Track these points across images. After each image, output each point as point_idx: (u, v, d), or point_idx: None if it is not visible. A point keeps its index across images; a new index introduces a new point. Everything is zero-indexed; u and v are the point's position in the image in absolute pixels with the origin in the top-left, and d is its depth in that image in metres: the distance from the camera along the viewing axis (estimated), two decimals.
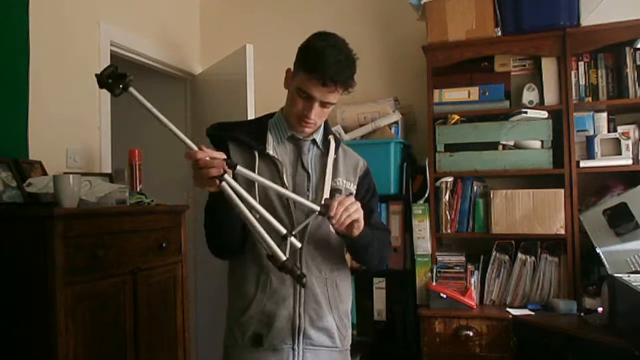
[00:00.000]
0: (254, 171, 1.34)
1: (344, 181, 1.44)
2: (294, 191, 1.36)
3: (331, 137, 1.46)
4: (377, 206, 1.55)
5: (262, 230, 1.08)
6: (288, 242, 1.10)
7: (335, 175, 1.42)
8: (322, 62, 1.27)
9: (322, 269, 1.39)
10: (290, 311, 1.35)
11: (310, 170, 1.41)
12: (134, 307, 1.96)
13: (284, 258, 1.07)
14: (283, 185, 1.35)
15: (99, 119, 2.54)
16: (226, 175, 1.13)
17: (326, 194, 1.37)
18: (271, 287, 1.35)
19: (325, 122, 1.48)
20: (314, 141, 1.44)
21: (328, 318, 1.38)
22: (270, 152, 1.39)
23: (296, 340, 1.35)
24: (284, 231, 1.11)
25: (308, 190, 1.38)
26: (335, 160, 1.45)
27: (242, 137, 1.39)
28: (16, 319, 1.66)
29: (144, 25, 2.94)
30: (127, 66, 2.97)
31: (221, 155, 1.14)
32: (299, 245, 1.11)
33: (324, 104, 1.34)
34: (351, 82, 1.34)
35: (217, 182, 1.12)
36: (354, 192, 1.45)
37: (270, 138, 1.42)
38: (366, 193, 1.49)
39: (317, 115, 1.35)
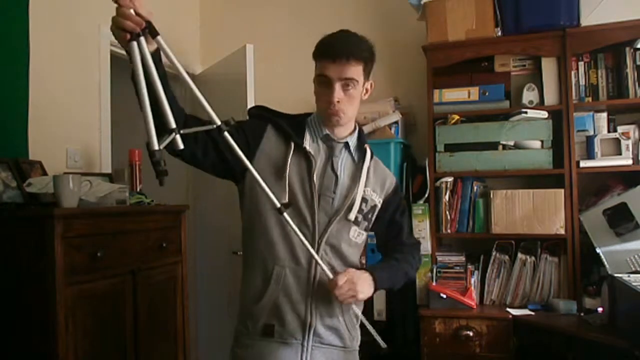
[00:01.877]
0: (286, 162, 1.35)
1: (371, 192, 1.45)
2: (320, 191, 1.37)
3: (367, 146, 1.48)
4: (408, 223, 1.57)
5: (149, 114, 1.00)
6: (170, 137, 1.02)
7: (366, 184, 1.43)
8: (330, 41, 1.34)
9: (337, 270, 1.39)
10: (302, 307, 1.35)
11: (339, 173, 1.41)
12: (134, 307, 1.96)
13: (156, 147, 0.99)
14: (310, 182, 1.35)
15: (99, 119, 2.54)
16: (142, 39, 1.05)
17: (357, 201, 1.39)
18: (285, 280, 1.35)
19: (360, 130, 1.50)
20: (346, 145, 1.45)
21: (339, 318, 1.39)
22: (307, 147, 1.39)
23: (306, 337, 1.36)
24: (173, 125, 1.03)
25: (334, 192, 1.39)
26: (368, 170, 1.46)
27: (284, 125, 1.41)
28: (16, 319, 1.66)
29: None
30: (127, 66, 2.96)
31: (148, 16, 1.07)
32: (181, 146, 1.04)
33: (344, 84, 1.34)
34: (364, 53, 1.34)
35: (127, 36, 1.04)
36: (379, 204, 1.46)
37: (307, 134, 1.43)
38: (395, 210, 1.50)
39: (342, 99, 1.35)
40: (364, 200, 1.41)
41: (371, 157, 1.48)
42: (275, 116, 1.45)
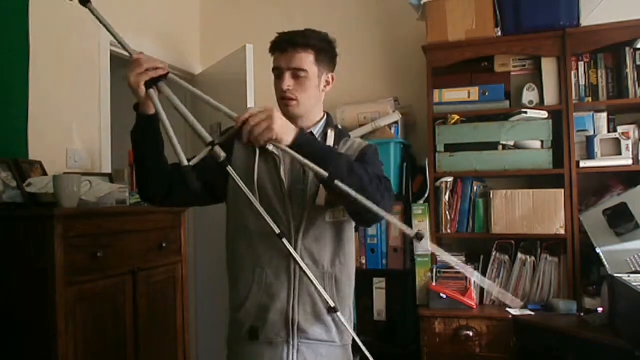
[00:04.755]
0: (254, 168, 1.37)
1: None
2: (290, 186, 1.37)
3: (330, 130, 1.45)
4: (372, 164, 1.39)
5: (177, 143, 1.14)
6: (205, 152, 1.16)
7: None
8: (280, 35, 1.38)
9: (320, 262, 1.37)
10: (284, 304, 1.34)
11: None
12: (134, 307, 1.96)
13: (185, 163, 1.13)
14: (279, 179, 1.36)
15: (99, 119, 2.54)
16: (162, 84, 1.20)
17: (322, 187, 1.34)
18: (266, 280, 1.35)
19: (328, 116, 1.49)
20: (311, 134, 1.43)
21: (324, 312, 1.36)
22: (270, 147, 1.37)
23: (291, 334, 1.35)
24: (209, 139, 1.15)
25: (304, 183, 1.38)
26: None
27: None
28: (16, 319, 1.66)
29: (144, 25, 2.94)
30: (127, 66, 2.96)
31: (163, 67, 1.21)
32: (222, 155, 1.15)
33: (294, 73, 1.36)
34: (313, 42, 1.36)
35: (144, 85, 1.19)
36: None
37: None
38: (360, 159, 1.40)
39: (293, 87, 1.36)
40: None
41: (338, 138, 1.44)
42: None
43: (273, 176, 1.37)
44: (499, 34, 2.62)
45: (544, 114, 2.55)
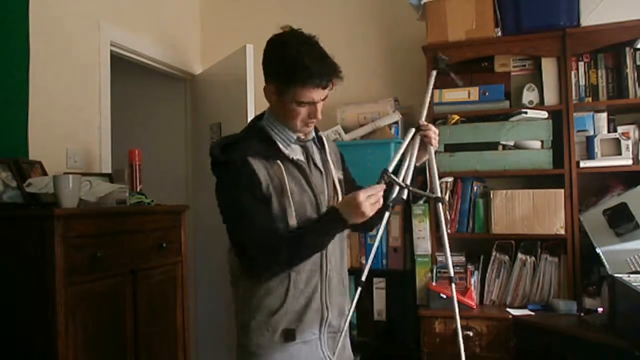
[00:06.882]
0: (284, 180, 1.35)
1: (338, 171, 1.53)
2: (320, 193, 1.43)
3: (320, 133, 1.54)
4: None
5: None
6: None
7: (334, 167, 1.52)
8: (309, 66, 1.29)
9: (342, 266, 1.50)
10: (319, 303, 1.40)
11: (321, 168, 1.47)
12: (134, 307, 1.96)
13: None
14: (311, 188, 1.40)
15: (99, 119, 2.54)
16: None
17: (338, 186, 1.48)
18: (301, 283, 1.39)
19: None
20: (313, 139, 1.50)
21: (344, 305, 1.49)
22: (295, 157, 1.41)
23: (322, 330, 1.42)
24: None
25: (333, 190, 1.48)
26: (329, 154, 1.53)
27: (261, 151, 1.37)
28: (16, 319, 1.66)
29: (144, 25, 2.94)
30: (127, 66, 2.96)
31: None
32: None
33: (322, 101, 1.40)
34: (341, 72, 1.38)
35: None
36: (342, 177, 1.54)
37: (279, 144, 1.41)
38: (348, 172, 1.64)
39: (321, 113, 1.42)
40: (340, 181, 1.50)
41: (320, 138, 1.53)
42: (245, 149, 1.37)
43: (303, 185, 1.40)
44: (499, 34, 2.62)
45: (544, 114, 2.55)
